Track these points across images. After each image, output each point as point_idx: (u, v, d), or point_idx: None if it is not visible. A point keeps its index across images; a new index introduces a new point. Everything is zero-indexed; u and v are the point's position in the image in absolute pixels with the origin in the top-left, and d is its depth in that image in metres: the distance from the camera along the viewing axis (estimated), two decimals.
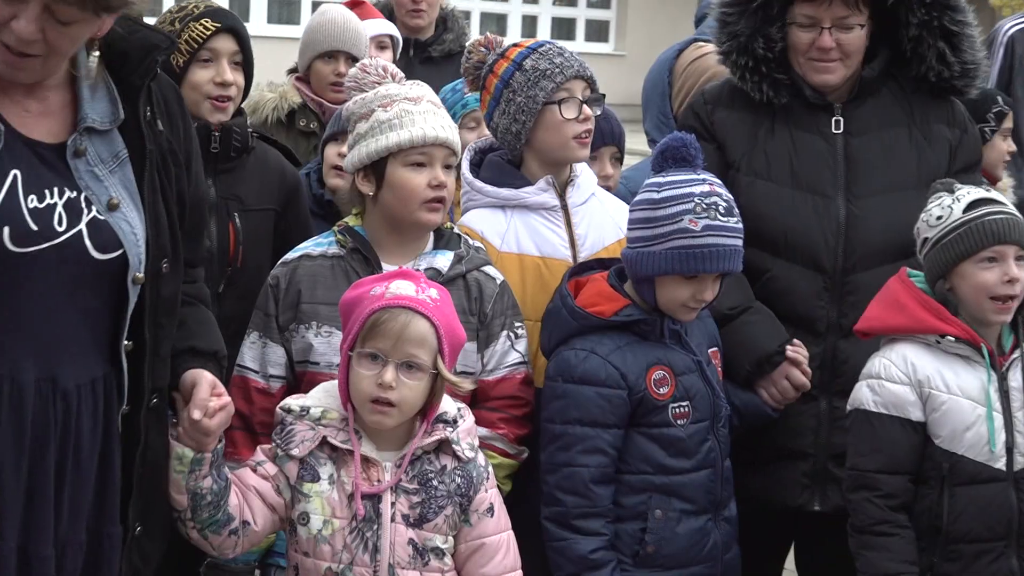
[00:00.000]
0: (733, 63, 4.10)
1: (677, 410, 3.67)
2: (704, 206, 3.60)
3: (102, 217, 2.82)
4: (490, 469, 3.39)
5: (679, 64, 4.73)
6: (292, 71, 5.43)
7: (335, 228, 3.74)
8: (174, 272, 2.97)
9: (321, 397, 3.32)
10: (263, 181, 4.24)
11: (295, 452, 3.25)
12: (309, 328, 3.61)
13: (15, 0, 2.61)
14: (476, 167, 4.10)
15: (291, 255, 3.72)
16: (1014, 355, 3.68)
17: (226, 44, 4.13)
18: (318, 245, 3.71)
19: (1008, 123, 5.30)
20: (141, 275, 2.86)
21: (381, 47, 5.80)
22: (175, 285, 2.99)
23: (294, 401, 3.32)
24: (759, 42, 4.06)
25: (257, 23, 24.59)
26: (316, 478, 3.24)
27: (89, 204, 2.81)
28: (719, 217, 3.61)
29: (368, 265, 3.61)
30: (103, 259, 2.82)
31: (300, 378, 3.64)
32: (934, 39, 4.08)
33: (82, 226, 2.79)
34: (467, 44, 4.21)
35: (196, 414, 2.99)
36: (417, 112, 3.59)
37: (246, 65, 4.20)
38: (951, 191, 3.71)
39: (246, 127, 4.23)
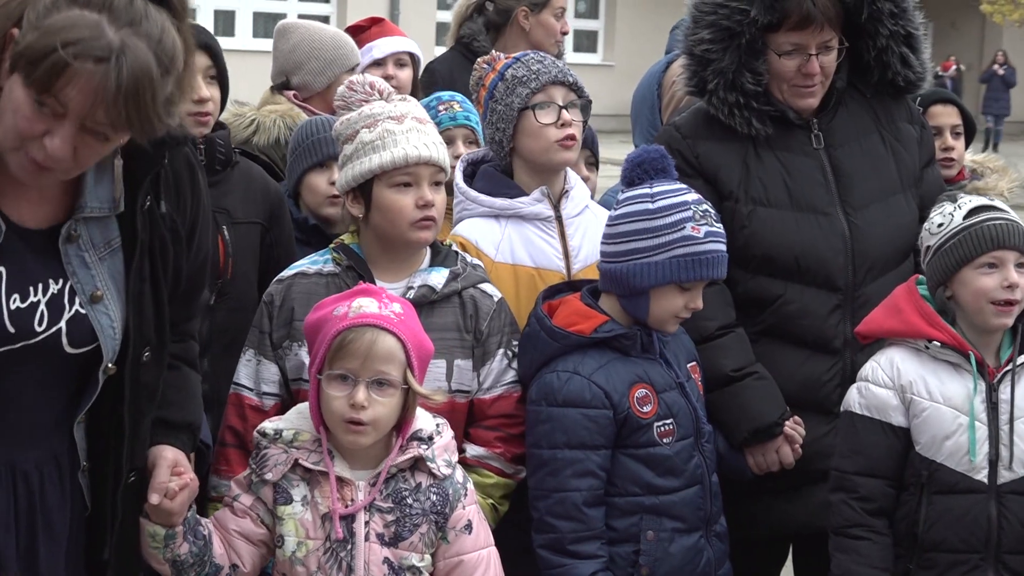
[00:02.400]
0: (720, 100, 4.04)
1: (662, 428, 3.65)
2: (701, 212, 3.61)
3: (83, 311, 2.79)
4: (469, 486, 3.37)
5: (668, 77, 4.71)
6: (278, 87, 5.33)
7: (331, 246, 3.72)
8: (157, 360, 2.93)
9: (294, 419, 3.31)
10: (248, 194, 4.23)
11: (268, 476, 3.24)
12: (303, 346, 3.55)
13: (50, 117, 2.57)
14: (469, 178, 4.09)
15: (286, 272, 3.71)
16: (1007, 367, 3.64)
17: (199, 60, 4.09)
18: (314, 263, 3.69)
19: (931, 121, 5.20)
20: (112, 366, 2.85)
21: (400, 64, 5.74)
22: (157, 372, 2.95)
23: (269, 424, 3.32)
24: (747, 77, 4.01)
25: (242, 37, 24.64)
26: (289, 500, 3.23)
27: (73, 296, 2.78)
28: (714, 223, 3.64)
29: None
30: (75, 353, 2.80)
31: (295, 396, 3.61)
32: (898, 45, 4.11)
33: (62, 323, 2.77)
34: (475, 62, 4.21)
35: (154, 499, 2.99)
36: (400, 132, 3.56)
37: (221, 79, 4.19)
38: (953, 200, 3.71)
39: (229, 140, 4.22)
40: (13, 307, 2.70)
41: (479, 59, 4.15)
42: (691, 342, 3.90)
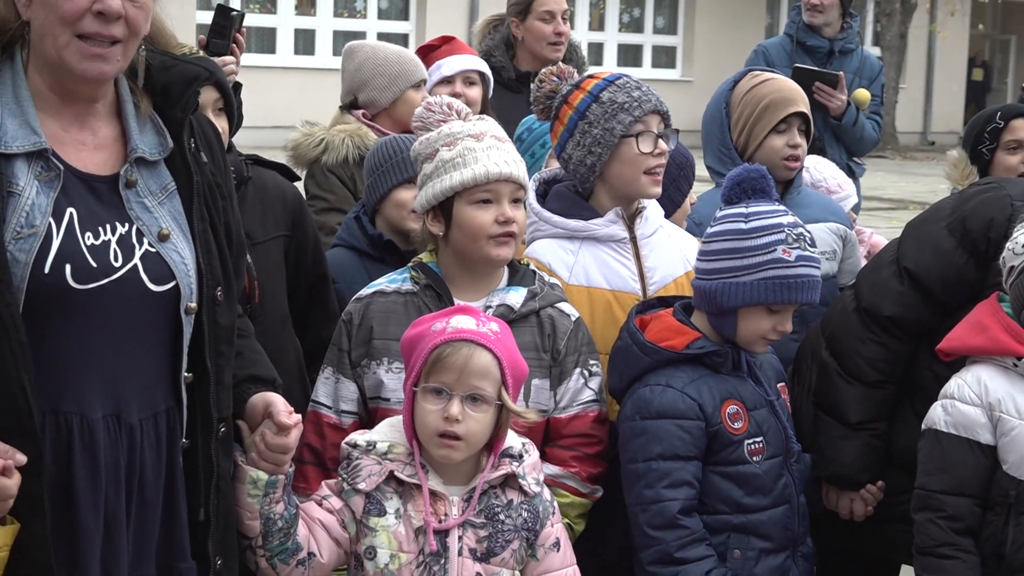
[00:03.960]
0: None
1: (752, 446, 3.64)
2: (794, 236, 3.60)
3: (154, 249, 2.87)
4: (555, 504, 3.40)
5: (735, 94, 4.69)
6: (347, 107, 5.38)
7: (410, 264, 3.73)
8: (229, 300, 3.01)
9: (387, 431, 3.33)
10: (266, 209, 4.18)
11: (362, 486, 3.26)
12: (380, 364, 3.59)
13: None
14: (542, 198, 4.06)
15: (365, 291, 3.71)
16: None
17: (206, 94, 4.04)
18: (392, 282, 3.69)
19: (1011, 135, 5.19)
20: (193, 304, 2.92)
21: (469, 83, 5.76)
22: (231, 313, 3.03)
23: (360, 436, 3.34)
24: None
25: (322, 56, 24.83)
26: (382, 512, 3.25)
27: (141, 237, 2.86)
28: (808, 248, 3.61)
29: (441, 302, 3.58)
30: (159, 291, 2.86)
31: (373, 414, 3.62)
32: None
33: (136, 260, 2.84)
34: (539, 73, 4.16)
35: (284, 419, 3.06)
36: (480, 149, 3.56)
37: (228, 108, 4.15)
38: None
39: (239, 161, 4.17)
40: (88, 243, 2.79)
41: (544, 70, 4.10)
42: (779, 362, 3.90)
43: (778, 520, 3.66)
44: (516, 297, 3.63)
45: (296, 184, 4.48)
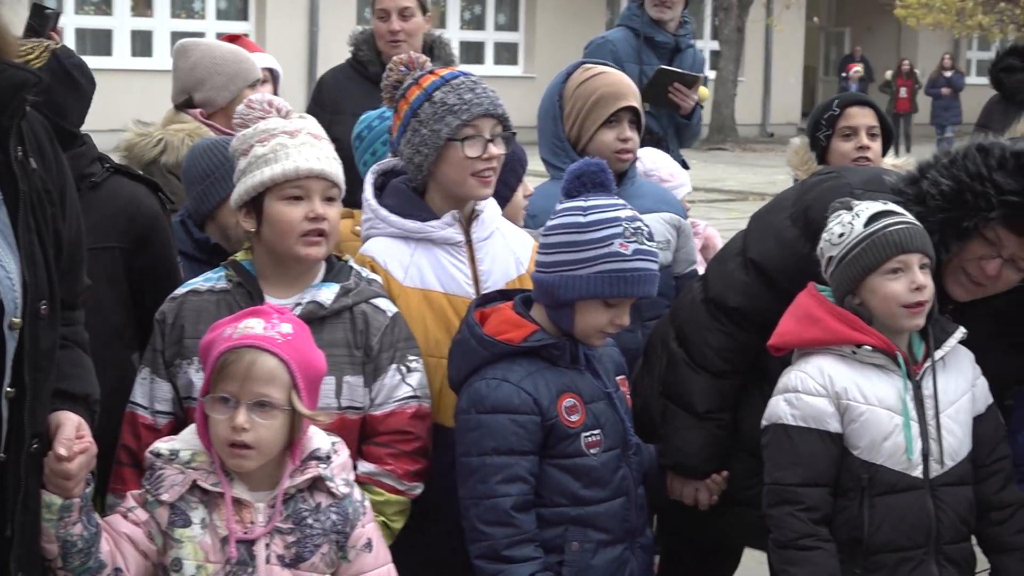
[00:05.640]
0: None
1: (589, 439, 3.62)
2: (632, 230, 3.58)
3: None
4: (367, 504, 3.38)
5: (568, 87, 4.69)
6: (181, 106, 5.27)
7: (223, 263, 3.68)
8: (52, 314, 2.90)
9: (190, 439, 3.27)
10: (104, 218, 3.93)
11: (165, 497, 3.20)
12: (191, 364, 3.54)
13: None
14: (379, 190, 3.98)
15: (179, 290, 3.66)
16: (926, 363, 3.65)
17: None
18: (207, 280, 3.65)
19: (846, 122, 5.32)
20: (18, 320, 2.81)
21: (260, 81, 5.67)
22: (54, 328, 2.92)
23: (163, 444, 3.27)
24: None
25: (160, 57, 24.49)
26: (188, 523, 3.19)
27: None
28: (646, 242, 3.59)
29: (252, 300, 3.53)
30: None
31: (188, 414, 3.55)
32: None
33: None
34: (390, 62, 4.06)
35: (61, 450, 2.93)
36: (292, 145, 3.52)
37: None
38: (849, 208, 3.65)
39: (96, 163, 3.99)
40: None
41: (395, 59, 4.01)
42: (620, 355, 3.89)
43: (616, 512, 3.65)
44: (327, 294, 3.58)
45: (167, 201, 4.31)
